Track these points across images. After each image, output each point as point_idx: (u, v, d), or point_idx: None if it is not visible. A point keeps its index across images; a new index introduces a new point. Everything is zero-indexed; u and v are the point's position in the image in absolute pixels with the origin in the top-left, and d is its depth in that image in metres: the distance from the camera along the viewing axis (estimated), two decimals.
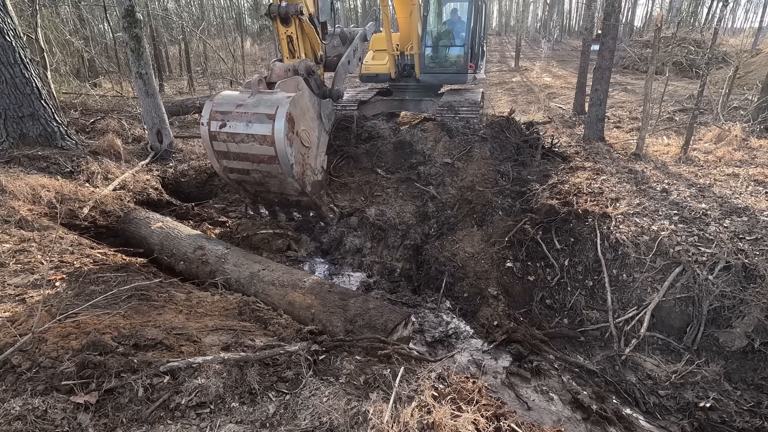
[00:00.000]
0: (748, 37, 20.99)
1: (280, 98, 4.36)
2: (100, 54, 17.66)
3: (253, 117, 4.31)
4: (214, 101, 4.51)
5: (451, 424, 2.30)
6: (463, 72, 8.50)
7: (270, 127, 4.23)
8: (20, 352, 2.51)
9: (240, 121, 4.34)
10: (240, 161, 4.59)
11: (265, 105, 4.32)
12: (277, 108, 4.26)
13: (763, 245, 4.18)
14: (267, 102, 4.35)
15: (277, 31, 4.97)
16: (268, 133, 4.24)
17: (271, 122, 4.23)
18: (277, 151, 4.30)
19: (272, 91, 4.50)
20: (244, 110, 4.36)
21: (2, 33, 6.27)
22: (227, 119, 4.39)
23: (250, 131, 4.32)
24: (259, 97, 4.43)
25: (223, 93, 4.67)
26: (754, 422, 3.27)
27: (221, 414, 2.33)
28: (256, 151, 4.41)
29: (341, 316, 3.58)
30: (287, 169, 4.44)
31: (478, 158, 6.71)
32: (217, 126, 4.43)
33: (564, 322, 4.52)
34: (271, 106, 4.29)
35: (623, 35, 29.68)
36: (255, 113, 4.31)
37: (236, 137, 4.39)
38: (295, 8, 4.72)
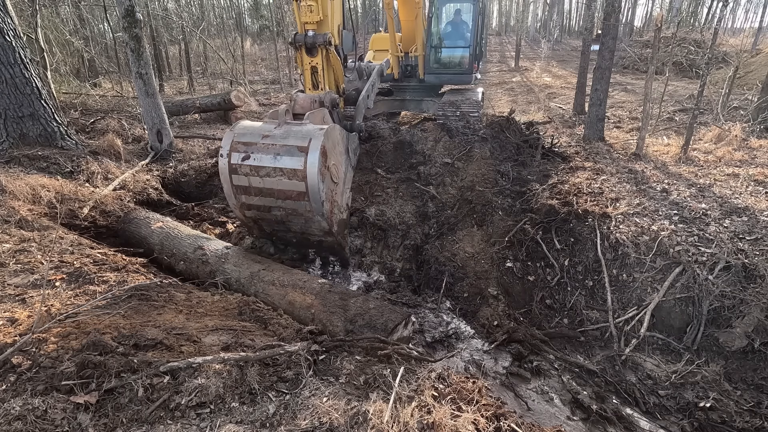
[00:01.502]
0: (748, 37, 21.00)
1: (312, 130, 4.03)
2: (100, 54, 17.66)
3: (282, 149, 3.95)
4: (235, 131, 4.16)
5: (451, 424, 2.30)
6: (468, 72, 8.55)
7: (302, 161, 3.88)
8: (20, 352, 2.51)
9: (266, 154, 3.98)
10: (262, 197, 4.19)
11: (296, 137, 3.99)
12: (310, 140, 3.91)
13: (763, 245, 4.18)
14: (297, 134, 4.01)
15: (301, 61, 4.71)
16: (299, 167, 3.89)
17: (303, 155, 3.88)
18: (309, 187, 3.93)
19: (301, 123, 4.21)
20: (271, 141, 4.00)
21: (2, 33, 6.27)
22: (251, 151, 4.02)
23: (278, 164, 3.94)
24: (287, 129, 4.10)
25: (244, 123, 4.35)
26: (754, 422, 3.27)
27: (221, 414, 2.33)
28: (283, 187, 4.04)
29: (341, 316, 3.58)
30: (317, 207, 4.06)
31: (478, 158, 6.71)
32: (239, 158, 4.04)
33: (564, 322, 4.52)
34: (303, 138, 3.96)
35: (623, 35, 29.68)
36: (284, 145, 3.96)
37: (261, 171, 4.01)
38: (324, 38, 4.47)
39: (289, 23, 23.26)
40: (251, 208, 4.35)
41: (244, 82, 17.62)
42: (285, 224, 4.48)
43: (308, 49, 4.55)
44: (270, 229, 4.69)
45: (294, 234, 4.65)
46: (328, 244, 4.76)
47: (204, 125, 12.26)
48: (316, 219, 4.21)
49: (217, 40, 25.80)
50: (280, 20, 25.63)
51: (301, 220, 4.33)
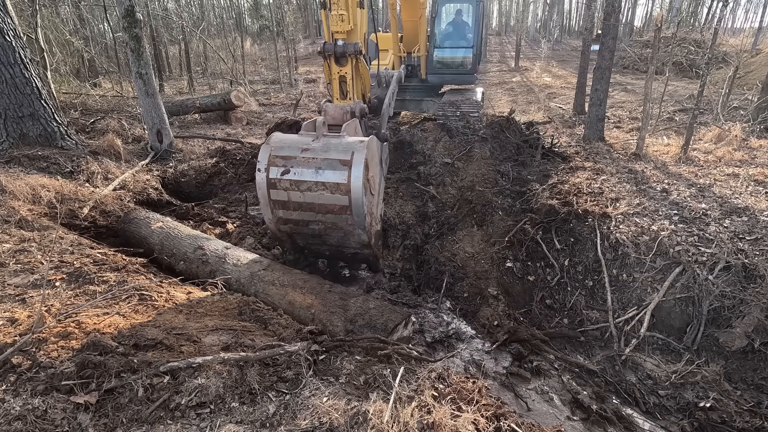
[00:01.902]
0: (748, 37, 20.99)
1: (353, 143, 3.95)
2: (100, 54, 17.67)
3: (324, 163, 3.86)
4: (272, 145, 4.06)
5: (451, 424, 2.30)
6: (471, 72, 8.58)
7: (345, 175, 3.80)
8: (20, 352, 2.51)
9: (307, 168, 3.89)
10: (302, 212, 4.11)
11: (337, 150, 3.90)
12: (353, 153, 3.83)
13: (763, 245, 4.18)
14: (338, 147, 3.93)
15: (329, 70, 4.61)
16: (343, 181, 3.80)
17: (347, 169, 3.80)
18: (352, 201, 3.85)
19: (339, 135, 4.14)
20: (311, 155, 3.91)
21: (2, 33, 6.27)
22: (291, 165, 3.93)
23: (320, 179, 3.86)
24: (326, 142, 4.02)
25: (279, 136, 4.24)
26: (754, 422, 3.27)
27: (221, 414, 2.33)
28: (324, 201, 3.95)
29: (341, 316, 3.58)
30: (359, 220, 3.97)
31: (478, 158, 6.71)
32: (278, 173, 3.95)
33: (564, 322, 4.52)
34: (345, 151, 3.87)
35: (623, 35, 29.68)
36: (326, 159, 3.87)
37: (302, 185, 3.92)
38: (354, 48, 4.39)
39: (289, 23, 23.26)
40: (288, 222, 4.25)
41: (244, 82, 17.63)
42: (321, 238, 4.39)
43: (337, 59, 4.48)
44: (304, 243, 4.61)
45: (329, 247, 4.57)
46: (363, 256, 4.71)
47: (204, 125, 12.26)
48: (357, 232, 4.13)
49: (217, 40, 25.81)
50: (280, 20, 25.64)
51: (340, 234, 4.25)
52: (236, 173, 7.65)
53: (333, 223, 4.10)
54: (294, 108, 13.50)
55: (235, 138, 10.26)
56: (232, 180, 7.57)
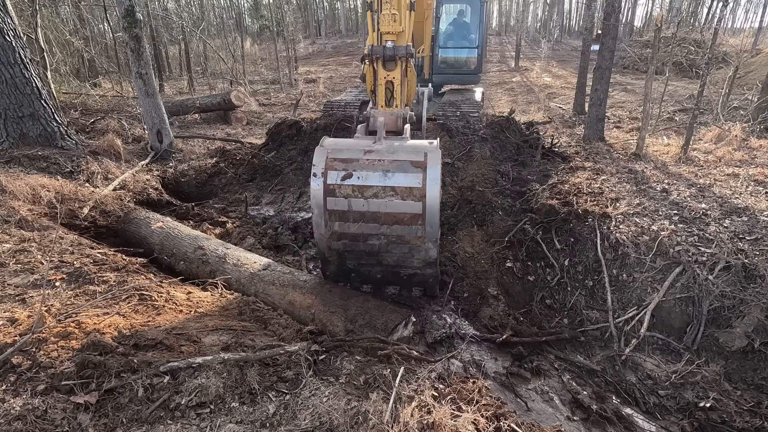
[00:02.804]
0: (748, 37, 20.99)
1: (423, 144, 3.57)
2: (100, 54, 17.67)
3: (393, 165, 3.42)
4: (327, 147, 3.58)
5: (451, 424, 2.31)
6: (476, 72, 8.60)
7: (419, 177, 3.38)
8: (20, 352, 2.51)
9: (374, 171, 3.44)
10: (363, 223, 3.59)
11: (407, 151, 3.49)
12: (427, 154, 3.42)
13: (763, 245, 4.18)
14: (407, 148, 3.52)
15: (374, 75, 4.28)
16: (417, 185, 3.38)
17: (421, 171, 3.38)
18: (427, 208, 3.41)
19: (401, 137, 3.77)
20: (377, 157, 3.47)
21: (2, 33, 6.27)
22: (354, 168, 3.46)
23: (389, 183, 3.40)
24: (389, 144, 3.61)
25: (333, 139, 3.80)
26: (754, 422, 3.27)
27: (221, 414, 2.33)
28: (393, 209, 3.47)
29: (342, 316, 3.58)
30: (431, 232, 3.51)
31: (478, 158, 6.71)
32: (338, 177, 3.46)
33: (564, 322, 4.52)
34: (416, 152, 3.48)
35: (623, 35, 29.68)
36: (396, 161, 3.44)
37: (367, 191, 3.44)
38: (406, 50, 4.05)
39: (289, 23, 23.26)
40: (343, 237, 3.70)
41: (244, 82, 17.63)
42: (378, 256, 3.84)
43: (385, 62, 4.15)
44: (354, 264, 4.05)
45: (384, 268, 4.03)
46: (421, 278, 4.15)
47: (204, 125, 12.26)
48: (425, 247, 3.64)
49: (217, 40, 25.80)
50: (280, 20, 25.64)
51: (403, 250, 3.73)
52: (236, 173, 7.66)
53: (399, 236, 3.61)
54: (294, 108, 13.51)
55: (235, 138, 10.27)
56: (232, 180, 7.58)
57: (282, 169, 7.59)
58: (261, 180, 7.61)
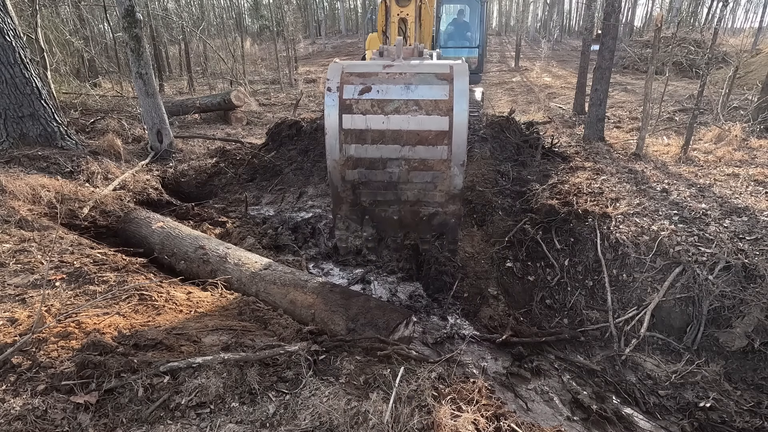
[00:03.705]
0: (748, 37, 20.98)
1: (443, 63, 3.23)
2: (100, 54, 17.67)
3: (416, 78, 3.11)
4: (343, 65, 3.25)
5: (451, 424, 2.31)
6: (477, 72, 8.61)
7: (446, 90, 3.06)
8: (20, 352, 2.51)
9: (395, 84, 3.12)
10: (382, 144, 3.24)
11: (429, 66, 3.17)
12: (452, 67, 3.11)
13: (763, 245, 4.18)
14: (429, 65, 3.19)
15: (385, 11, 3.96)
16: (444, 97, 3.07)
17: (447, 83, 3.06)
18: (454, 124, 3.09)
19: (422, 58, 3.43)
20: (398, 71, 3.15)
21: (2, 33, 6.27)
22: (373, 82, 3.15)
23: (413, 96, 3.08)
24: (409, 63, 3.28)
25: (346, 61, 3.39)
26: (754, 422, 3.27)
27: (221, 414, 2.33)
28: (417, 126, 3.14)
29: (343, 315, 3.58)
30: (458, 152, 3.18)
31: (478, 158, 6.71)
32: (355, 92, 3.14)
33: (564, 322, 4.52)
34: (441, 65, 3.17)
35: (623, 35, 29.68)
36: (419, 74, 3.12)
37: (387, 105, 3.11)
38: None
39: (289, 23, 23.25)
40: (359, 165, 3.35)
41: (244, 82, 17.63)
42: (396, 190, 3.48)
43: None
44: (370, 200, 3.67)
45: (400, 206, 3.66)
46: (442, 220, 3.76)
47: (204, 125, 12.27)
48: (450, 174, 3.32)
49: (217, 40, 25.81)
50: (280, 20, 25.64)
51: (426, 179, 3.39)
52: (236, 173, 7.66)
53: (422, 159, 3.27)
54: (294, 108, 13.51)
55: (235, 138, 10.27)
56: (232, 180, 7.58)
57: (282, 169, 7.59)
58: (261, 180, 7.61)
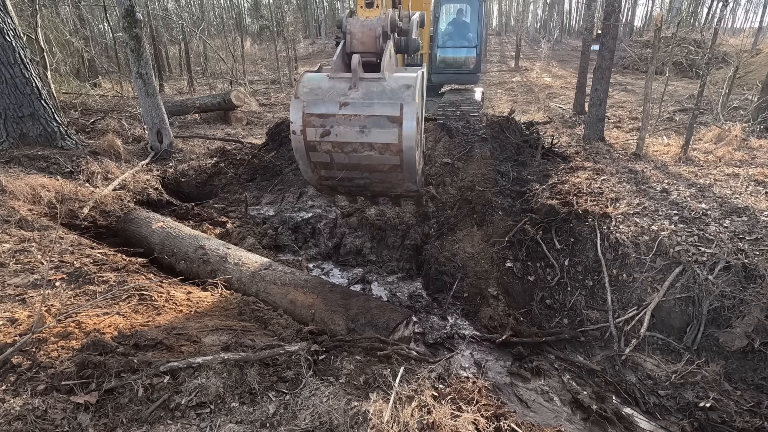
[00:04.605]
0: (748, 37, 20.98)
1: (398, 90, 3.33)
2: (100, 54, 17.67)
3: (369, 120, 3.33)
4: (303, 99, 3.41)
5: (451, 424, 2.31)
6: (475, 72, 8.60)
7: (395, 133, 3.31)
8: (20, 352, 2.51)
9: (350, 127, 3.36)
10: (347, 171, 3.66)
11: (382, 101, 3.31)
12: (402, 106, 3.27)
13: (763, 245, 4.18)
14: (382, 96, 3.33)
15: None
16: (393, 141, 3.34)
17: (396, 126, 3.30)
18: (404, 161, 3.41)
19: (378, 78, 3.45)
20: (353, 111, 3.35)
21: (2, 33, 6.27)
22: (330, 124, 3.39)
23: (366, 139, 3.38)
24: (367, 89, 3.37)
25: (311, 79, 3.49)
26: (754, 422, 3.27)
27: (221, 414, 2.33)
28: (372, 162, 3.53)
29: (343, 315, 3.59)
30: (410, 176, 3.57)
31: (478, 158, 6.71)
32: (316, 134, 3.43)
33: (564, 322, 4.52)
34: (392, 103, 3.29)
35: (623, 35, 29.68)
36: (371, 116, 3.32)
37: (345, 147, 3.44)
38: None
39: (289, 23, 23.26)
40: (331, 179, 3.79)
41: (244, 82, 17.63)
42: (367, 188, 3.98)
43: None
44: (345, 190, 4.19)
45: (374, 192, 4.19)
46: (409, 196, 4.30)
47: (204, 125, 12.27)
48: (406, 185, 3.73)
49: (217, 40, 25.81)
50: (280, 20, 25.65)
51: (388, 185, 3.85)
52: (236, 173, 7.66)
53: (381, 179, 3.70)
54: None
55: (235, 138, 10.27)
56: (232, 180, 7.58)
57: (282, 169, 7.59)
58: (261, 180, 7.61)
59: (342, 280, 5.26)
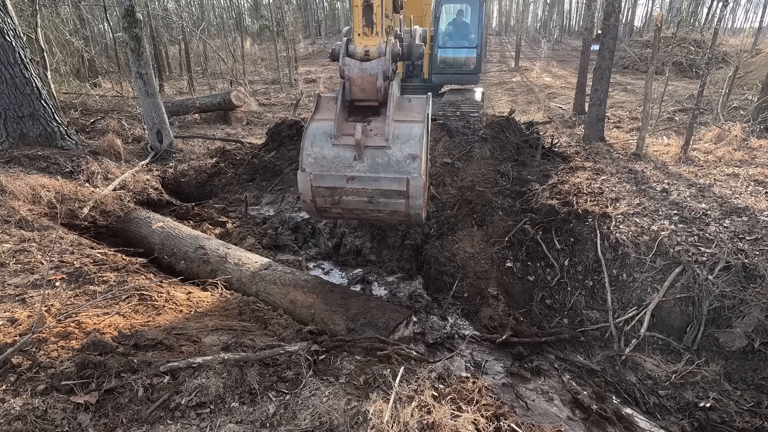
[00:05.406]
0: (748, 37, 20.98)
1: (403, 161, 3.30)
2: (100, 54, 17.67)
3: (377, 193, 3.41)
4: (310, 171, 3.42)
5: (451, 424, 2.31)
6: (475, 72, 8.60)
7: (403, 204, 3.43)
8: (20, 352, 2.51)
9: (359, 197, 3.47)
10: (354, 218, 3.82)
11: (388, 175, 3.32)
12: (409, 181, 3.30)
13: (763, 245, 4.18)
14: (389, 169, 3.32)
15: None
16: (402, 210, 3.50)
17: (404, 199, 3.40)
18: (412, 217, 3.58)
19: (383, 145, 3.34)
20: (360, 185, 3.40)
21: (2, 33, 6.27)
22: (339, 195, 3.48)
23: (374, 207, 3.51)
24: (372, 159, 3.34)
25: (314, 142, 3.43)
26: (754, 422, 3.27)
27: (221, 414, 2.33)
28: (382, 218, 3.74)
29: (343, 315, 3.59)
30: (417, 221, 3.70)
31: (478, 158, 6.71)
32: (326, 202, 3.57)
33: (564, 322, 4.52)
34: (399, 178, 3.31)
35: (623, 35, 29.67)
36: (378, 189, 3.38)
37: (355, 211, 3.60)
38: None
39: (289, 23, 23.26)
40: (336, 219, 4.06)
41: (244, 82, 17.63)
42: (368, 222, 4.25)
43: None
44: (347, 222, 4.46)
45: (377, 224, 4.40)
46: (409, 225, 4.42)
47: (204, 125, 12.27)
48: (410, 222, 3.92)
49: (217, 40, 25.80)
50: (280, 20, 25.65)
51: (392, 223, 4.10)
52: (236, 173, 7.66)
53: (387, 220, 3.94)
54: (294, 108, 13.50)
55: (235, 138, 10.27)
56: (232, 180, 7.58)
57: (282, 169, 7.59)
58: (261, 180, 7.61)
59: (342, 280, 5.26)
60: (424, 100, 3.65)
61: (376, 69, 3.36)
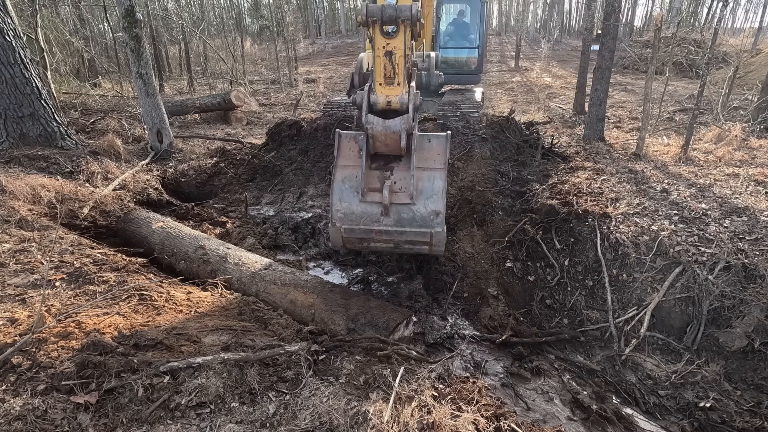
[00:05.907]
0: (748, 37, 20.97)
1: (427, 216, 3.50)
2: (100, 54, 17.67)
3: (402, 241, 3.71)
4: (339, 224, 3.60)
5: (451, 424, 2.31)
6: (477, 72, 8.61)
7: (427, 249, 3.81)
8: (20, 352, 2.51)
9: (386, 244, 3.82)
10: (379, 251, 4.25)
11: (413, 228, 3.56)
12: (432, 234, 3.56)
13: (763, 245, 4.18)
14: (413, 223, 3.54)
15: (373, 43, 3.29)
16: (425, 252, 3.90)
17: (428, 246, 3.72)
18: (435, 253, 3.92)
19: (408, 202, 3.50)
20: (387, 237, 3.67)
21: (2, 33, 6.27)
22: (368, 242, 3.79)
23: (401, 250, 3.98)
24: (397, 214, 3.53)
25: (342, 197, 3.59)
26: (754, 422, 3.27)
27: (221, 414, 2.33)
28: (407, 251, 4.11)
29: (343, 315, 3.59)
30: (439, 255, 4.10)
31: (478, 158, 6.71)
32: (355, 246, 3.94)
33: (564, 322, 4.52)
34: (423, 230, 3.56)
35: (623, 35, 29.67)
36: (404, 240, 3.68)
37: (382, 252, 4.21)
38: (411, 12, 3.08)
39: (289, 23, 23.26)
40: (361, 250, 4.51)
41: (244, 82, 17.63)
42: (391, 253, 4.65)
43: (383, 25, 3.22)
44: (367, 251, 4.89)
45: None
46: None
47: (204, 125, 12.27)
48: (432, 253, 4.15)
49: (217, 40, 25.80)
50: (280, 20, 25.65)
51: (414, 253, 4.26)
52: (236, 173, 7.66)
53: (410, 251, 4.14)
54: (294, 108, 13.50)
55: (235, 138, 10.27)
56: (232, 180, 7.58)
57: (282, 169, 7.59)
58: (261, 180, 7.61)
59: (342, 280, 5.26)
60: (444, 141, 3.74)
61: (399, 127, 3.38)
